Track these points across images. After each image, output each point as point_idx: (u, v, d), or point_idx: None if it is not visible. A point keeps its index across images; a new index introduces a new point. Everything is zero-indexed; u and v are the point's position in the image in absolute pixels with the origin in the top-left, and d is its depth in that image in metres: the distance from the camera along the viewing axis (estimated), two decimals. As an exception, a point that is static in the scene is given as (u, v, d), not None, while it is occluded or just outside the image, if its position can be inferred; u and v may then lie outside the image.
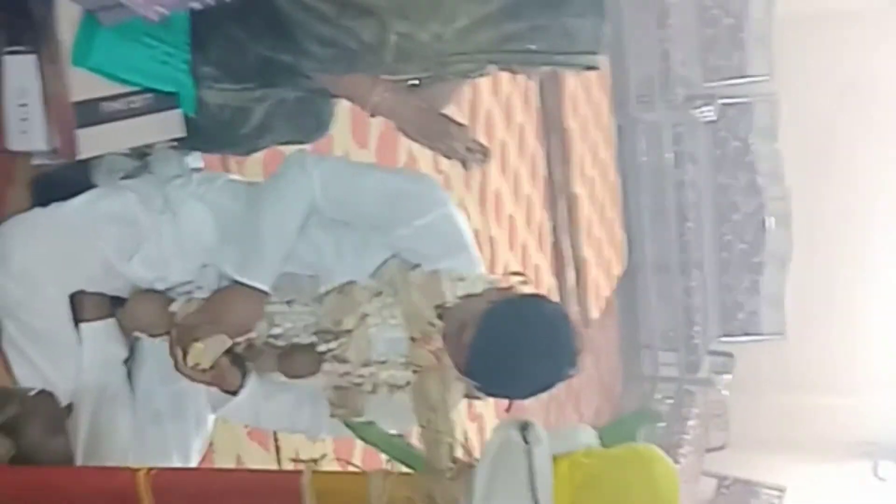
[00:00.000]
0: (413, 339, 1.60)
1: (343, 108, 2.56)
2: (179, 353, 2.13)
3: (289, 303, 2.15)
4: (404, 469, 1.63)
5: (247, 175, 2.91)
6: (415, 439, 1.70)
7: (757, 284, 8.21)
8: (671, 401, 7.99)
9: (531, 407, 5.50)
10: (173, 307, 2.19)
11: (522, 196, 5.66)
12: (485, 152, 2.21)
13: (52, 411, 1.94)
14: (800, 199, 7.94)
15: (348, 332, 2.03)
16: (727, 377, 8.15)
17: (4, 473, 1.82)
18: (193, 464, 2.37)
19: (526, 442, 1.55)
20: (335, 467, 2.58)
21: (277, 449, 3.07)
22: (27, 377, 2.12)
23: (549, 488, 1.53)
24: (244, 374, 2.20)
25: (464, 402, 2.02)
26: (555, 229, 6.10)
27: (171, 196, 2.28)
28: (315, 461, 1.65)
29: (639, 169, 7.27)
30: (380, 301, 2.06)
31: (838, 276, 8.19)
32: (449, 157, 2.29)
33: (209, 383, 2.16)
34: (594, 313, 6.55)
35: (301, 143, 2.40)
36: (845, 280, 8.19)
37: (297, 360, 2.12)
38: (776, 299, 8.20)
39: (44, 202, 2.26)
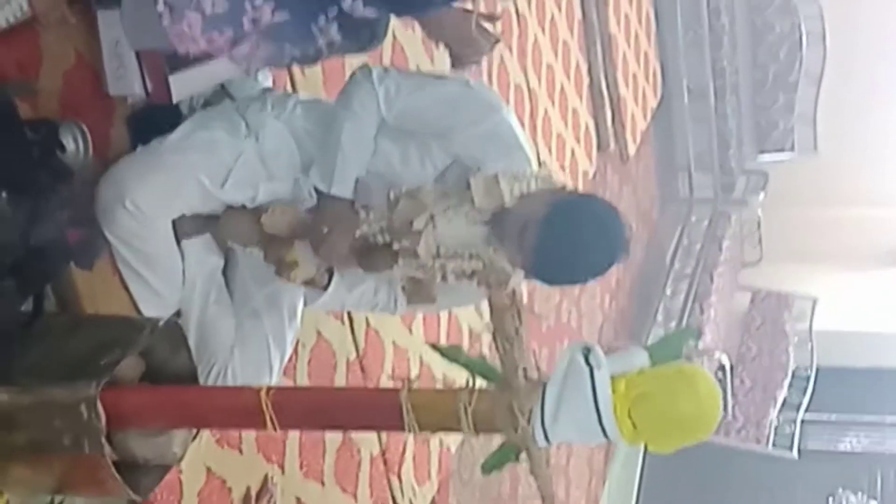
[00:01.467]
0: (489, 285, 1.87)
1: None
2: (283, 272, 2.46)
3: (365, 208, 2.44)
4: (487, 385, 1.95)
5: (308, 81, 3.16)
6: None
7: (791, 103, 8.31)
8: (706, 221, 8.26)
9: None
10: (263, 219, 2.49)
11: (559, 42, 5.80)
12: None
13: (175, 332, 2.25)
14: (833, 17, 7.96)
15: (418, 232, 2.33)
16: (761, 195, 8.38)
17: (142, 392, 2.15)
18: (288, 353, 2.72)
19: (589, 364, 1.85)
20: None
21: (351, 321, 3.43)
22: (140, 293, 2.46)
23: (609, 404, 1.83)
24: (330, 275, 2.55)
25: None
26: (590, 70, 6.25)
27: (251, 121, 2.55)
28: (411, 381, 1.96)
29: (673, -2, 7.32)
30: (444, 203, 2.35)
31: (869, 93, 8.27)
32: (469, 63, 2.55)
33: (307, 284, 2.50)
34: (632, 149, 6.77)
35: (357, 52, 2.63)
36: (875, 96, 8.27)
37: (375, 257, 2.44)
38: (809, 117, 8.32)
39: (139, 136, 2.54)
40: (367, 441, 3.52)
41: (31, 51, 2.26)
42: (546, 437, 1.89)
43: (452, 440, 4.19)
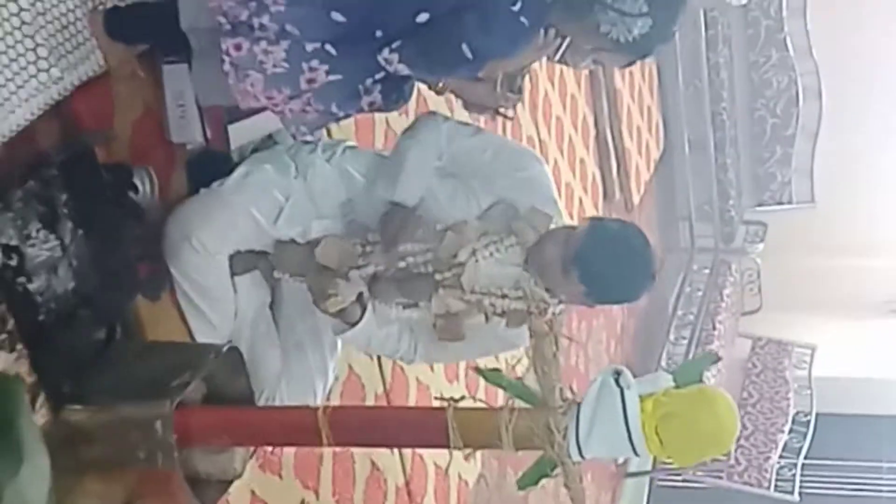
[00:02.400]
0: (530, 312, 2.08)
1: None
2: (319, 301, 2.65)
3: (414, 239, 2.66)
4: (524, 405, 2.15)
5: (341, 131, 3.38)
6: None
7: (788, 156, 8.54)
8: (707, 270, 8.46)
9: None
10: (316, 250, 2.68)
11: (567, 96, 6.05)
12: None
13: (236, 358, 2.45)
14: (828, 73, 8.22)
15: (461, 264, 2.55)
16: (760, 245, 8.59)
17: (209, 412, 2.34)
18: (330, 381, 2.92)
19: (619, 386, 2.06)
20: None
21: (379, 357, 3.62)
22: (198, 326, 2.66)
23: (638, 421, 2.04)
24: (363, 310, 2.74)
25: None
26: (596, 122, 6.50)
27: (300, 163, 2.77)
28: (456, 401, 2.15)
29: (675, 54, 7.57)
30: (486, 239, 2.59)
31: (864, 146, 8.51)
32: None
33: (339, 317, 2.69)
34: (636, 198, 7.00)
35: (386, 111, 2.87)
36: (871, 149, 8.51)
37: (417, 285, 2.64)
38: (806, 169, 8.54)
39: (197, 179, 2.76)
40: (393, 472, 3.70)
41: (105, 102, 2.48)
42: (580, 453, 2.09)
43: (470, 475, 4.36)
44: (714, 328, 7.67)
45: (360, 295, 2.67)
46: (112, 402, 2.22)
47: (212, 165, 2.74)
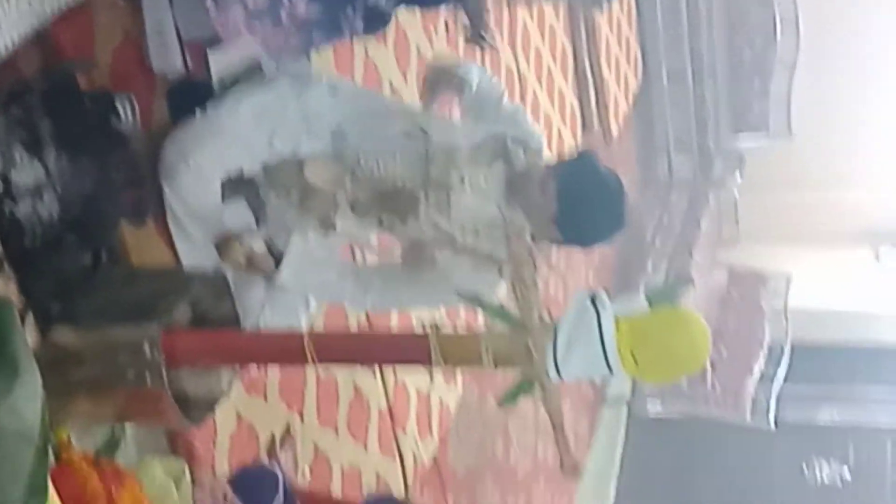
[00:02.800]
0: (509, 238, 2.13)
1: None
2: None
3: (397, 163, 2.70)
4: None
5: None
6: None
7: (766, 87, 8.58)
8: (685, 201, 8.52)
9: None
10: (305, 170, 2.71)
11: (546, 27, 6.05)
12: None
13: (221, 282, 2.50)
14: (806, 6, 8.23)
15: (449, 187, 2.60)
16: (738, 177, 8.66)
17: (196, 334, 2.39)
18: (313, 310, 2.97)
19: (595, 308, 2.11)
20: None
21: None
22: (185, 248, 2.70)
23: (614, 342, 2.09)
24: (278, 262, 2.75)
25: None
26: (575, 54, 6.50)
27: (296, 83, 2.79)
28: (438, 328, 2.21)
29: (654, -15, 7.57)
30: (476, 168, 2.64)
31: (842, 78, 8.55)
32: None
33: (249, 269, 2.72)
34: (615, 130, 7.03)
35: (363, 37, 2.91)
36: (848, 81, 8.55)
37: (400, 201, 2.67)
38: (783, 101, 8.59)
39: (177, 107, 2.78)
40: (376, 395, 3.77)
41: (86, 30, 2.49)
42: (558, 372, 2.15)
43: (452, 399, 4.45)
44: (691, 259, 7.75)
45: (270, 248, 2.72)
46: (100, 324, 2.27)
47: (193, 94, 2.76)
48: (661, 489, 8.13)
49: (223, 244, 2.66)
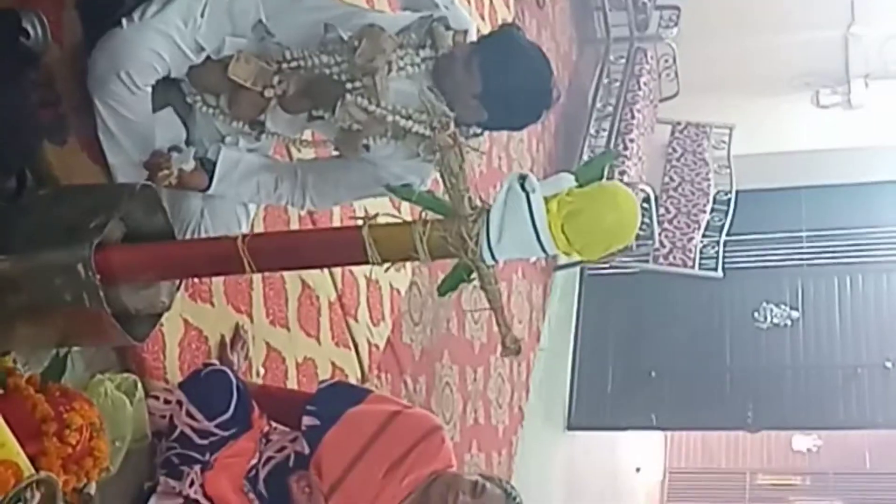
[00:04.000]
0: (433, 128, 2.13)
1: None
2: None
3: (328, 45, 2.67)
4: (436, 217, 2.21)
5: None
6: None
7: (698, -64, 8.50)
8: (624, 59, 8.49)
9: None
10: (230, 67, 2.68)
11: None
12: None
13: (151, 195, 2.47)
14: None
15: (375, 70, 2.57)
16: (675, 30, 8.61)
17: (129, 250, 2.38)
18: (252, 211, 2.96)
19: (524, 190, 2.13)
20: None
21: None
22: (118, 162, 2.66)
23: (544, 221, 2.12)
24: (210, 175, 2.72)
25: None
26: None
27: None
28: (371, 218, 2.21)
29: None
30: (402, 51, 2.62)
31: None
32: None
33: (181, 187, 2.70)
34: (547, -6, 6.96)
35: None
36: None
37: (325, 89, 2.65)
38: (717, -53, 8.55)
39: (89, 16, 2.71)
40: (324, 288, 3.80)
41: (-18, -55, 2.40)
42: (493, 256, 2.18)
43: (401, 284, 4.49)
44: (633, 117, 7.75)
45: (201, 162, 2.69)
46: (32, 249, 2.25)
47: (104, 2, 2.69)
48: (617, 343, 8.31)
49: (153, 169, 2.61)
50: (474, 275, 2.26)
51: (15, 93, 2.35)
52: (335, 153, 2.82)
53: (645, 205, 6.92)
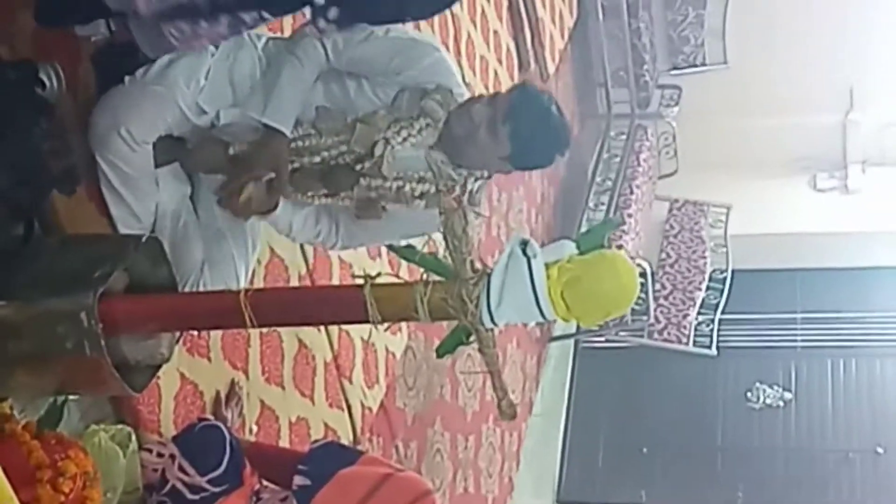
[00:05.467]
0: (438, 190, 2.16)
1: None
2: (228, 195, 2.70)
3: (320, 133, 2.72)
4: (438, 278, 2.24)
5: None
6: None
7: (701, 18, 8.63)
8: (624, 135, 8.58)
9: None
10: (233, 150, 2.74)
11: (479, -33, 6.03)
12: None
13: (156, 248, 2.50)
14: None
15: (379, 155, 2.65)
16: (675, 109, 8.72)
17: (133, 301, 2.40)
18: (252, 266, 2.99)
19: (526, 255, 2.15)
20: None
21: (302, 245, 3.69)
22: (120, 214, 2.70)
23: (545, 287, 2.14)
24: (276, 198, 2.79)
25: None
26: (510, -7, 6.49)
27: (228, 44, 2.77)
28: (373, 277, 2.24)
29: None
30: (397, 126, 2.68)
31: (776, 5, 8.62)
32: None
33: (247, 216, 2.75)
34: (551, 68, 7.05)
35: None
36: (782, 9, 8.62)
37: (338, 177, 2.74)
38: (718, 31, 8.65)
39: (103, 71, 2.76)
40: (321, 348, 3.81)
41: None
42: (492, 319, 2.19)
43: (397, 347, 4.50)
44: (632, 192, 7.82)
45: (271, 181, 2.73)
46: (36, 296, 2.27)
47: (118, 57, 2.74)
48: (609, 418, 8.28)
49: (228, 194, 2.68)
50: (473, 338, 2.28)
51: (27, 142, 2.39)
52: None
53: (641, 280, 6.93)
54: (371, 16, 2.40)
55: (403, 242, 2.47)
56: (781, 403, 8.36)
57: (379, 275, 2.25)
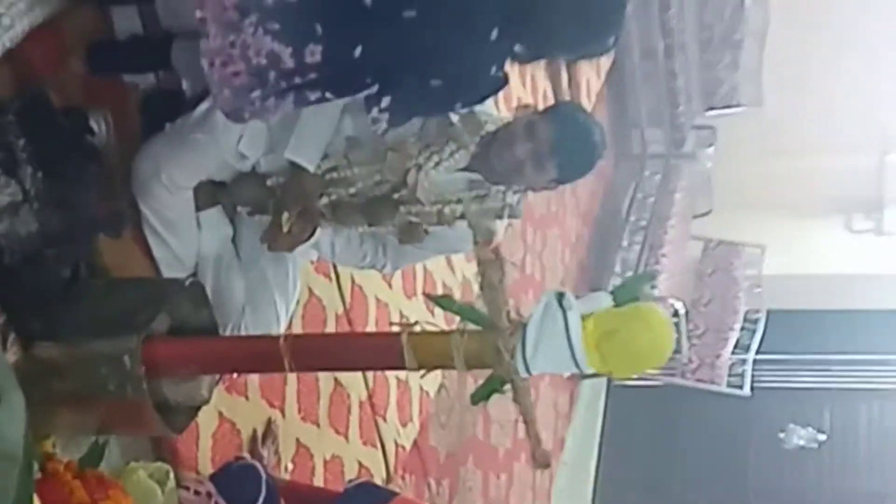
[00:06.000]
0: (476, 243, 2.20)
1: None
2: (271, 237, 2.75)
3: (351, 164, 2.75)
4: (474, 328, 2.27)
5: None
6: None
7: (736, 60, 8.63)
8: (659, 176, 8.60)
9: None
10: (269, 182, 2.79)
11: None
12: None
13: (198, 291, 2.55)
14: (775, -24, 8.30)
15: (413, 182, 2.67)
16: (710, 150, 8.73)
17: (175, 343, 2.45)
18: (292, 307, 3.03)
19: (562, 307, 2.19)
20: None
21: (338, 278, 3.74)
22: (163, 257, 2.76)
23: (580, 339, 2.17)
24: (313, 228, 2.83)
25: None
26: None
27: None
28: (410, 325, 2.28)
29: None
30: (428, 152, 2.71)
31: (812, 46, 8.62)
32: None
33: (291, 248, 2.80)
34: (587, 108, 7.08)
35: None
36: (817, 50, 8.62)
37: (378, 209, 2.77)
38: (754, 73, 8.65)
39: (150, 117, 2.83)
40: (356, 387, 3.85)
41: (56, 48, 2.53)
42: (527, 370, 2.23)
43: (431, 386, 4.53)
44: (666, 232, 7.83)
45: (301, 213, 2.77)
46: (81, 338, 2.33)
47: (165, 103, 2.80)
48: (641, 456, 8.26)
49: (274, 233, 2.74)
50: (507, 386, 2.31)
51: (76, 187, 2.45)
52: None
53: (675, 319, 6.95)
54: (421, 108, 2.45)
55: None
56: (815, 445, 8.30)
57: (416, 323, 2.29)
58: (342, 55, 2.17)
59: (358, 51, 2.18)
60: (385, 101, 2.27)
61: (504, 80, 2.39)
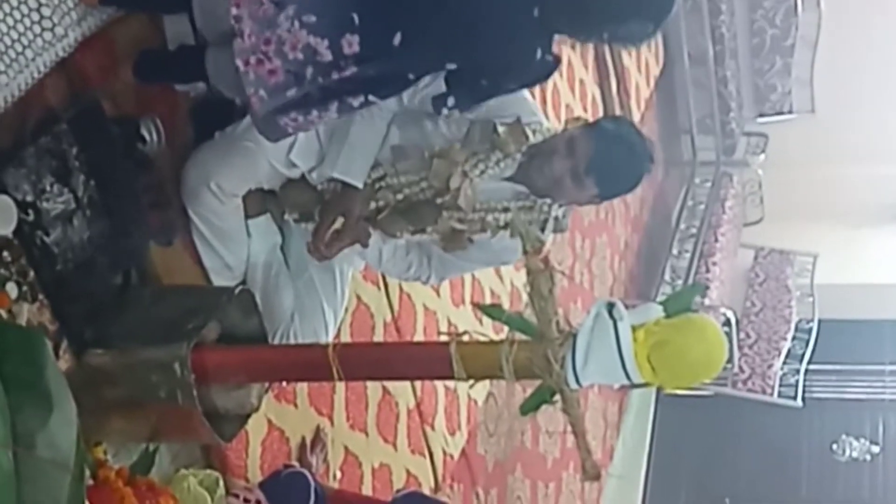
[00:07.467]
0: (526, 252, 2.18)
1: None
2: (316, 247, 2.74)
3: (398, 172, 2.74)
4: (524, 337, 2.25)
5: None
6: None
7: (788, 66, 8.54)
8: (709, 183, 8.52)
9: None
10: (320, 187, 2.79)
11: (566, 16, 6.05)
12: None
13: (248, 299, 2.56)
14: (828, -19, 8.19)
15: (457, 188, 2.66)
16: (761, 157, 8.63)
17: (225, 352, 2.46)
18: (340, 315, 3.03)
19: (612, 318, 2.16)
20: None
21: (386, 286, 3.74)
22: (213, 265, 2.77)
23: (631, 350, 2.14)
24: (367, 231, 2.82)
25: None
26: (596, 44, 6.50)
27: None
28: (459, 335, 2.26)
29: (672, -32, 7.52)
30: (474, 159, 2.70)
31: (864, 53, 8.47)
32: None
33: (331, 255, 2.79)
34: (636, 115, 7.04)
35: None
36: (870, 56, 8.48)
37: (421, 213, 2.76)
38: (805, 79, 8.53)
39: (201, 125, 2.84)
40: (404, 395, 3.84)
41: (109, 55, 2.55)
42: (577, 381, 2.20)
43: (479, 394, 4.51)
44: (716, 240, 7.75)
45: (349, 221, 2.76)
46: (132, 346, 2.34)
47: (215, 111, 2.82)
48: (691, 467, 8.18)
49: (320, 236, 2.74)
50: (557, 397, 2.29)
51: (128, 195, 2.47)
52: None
53: (726, 328, 6.87)
54: (484, 93, 2.48)
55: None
56: (868, 457, 8.18)
57: (465, 333, 2.27)
58: (381, 44, 2.18)
59: (397, 38, 2.18)
60: (451, 101, 2.34)
61: (555, 63, 2.39)
